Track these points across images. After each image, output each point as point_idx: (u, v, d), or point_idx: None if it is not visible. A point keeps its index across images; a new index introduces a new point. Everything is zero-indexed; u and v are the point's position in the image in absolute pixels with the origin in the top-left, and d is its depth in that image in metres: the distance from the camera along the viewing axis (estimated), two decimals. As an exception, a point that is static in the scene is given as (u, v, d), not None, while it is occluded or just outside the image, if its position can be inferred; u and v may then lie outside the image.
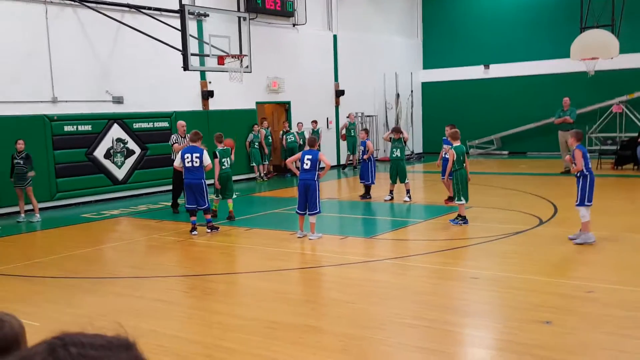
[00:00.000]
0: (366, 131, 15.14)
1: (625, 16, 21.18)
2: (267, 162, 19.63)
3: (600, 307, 6.22)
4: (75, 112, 15.01)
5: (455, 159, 10.79)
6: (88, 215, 13.60)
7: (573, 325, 5.70)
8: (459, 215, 10.86)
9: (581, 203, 9.15)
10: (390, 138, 14.05)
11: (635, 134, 19.20)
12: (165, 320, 6.28)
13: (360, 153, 14.69)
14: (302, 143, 19.94)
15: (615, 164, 18.58)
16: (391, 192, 13.99)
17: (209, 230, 11.00)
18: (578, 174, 9.26)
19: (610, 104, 22.23)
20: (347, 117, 22.35)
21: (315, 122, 20.73)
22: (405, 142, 13.99)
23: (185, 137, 13.37)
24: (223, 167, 11.62)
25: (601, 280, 7.20)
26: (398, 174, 13.76)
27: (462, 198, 10.79)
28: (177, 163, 11.07)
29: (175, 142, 13.18)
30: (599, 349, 5.14)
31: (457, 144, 10.91)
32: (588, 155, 9.24)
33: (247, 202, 14.60)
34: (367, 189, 14.33)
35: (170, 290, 7.56)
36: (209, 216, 11.11)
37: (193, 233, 10.71)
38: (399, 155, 13.75)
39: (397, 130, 14.22)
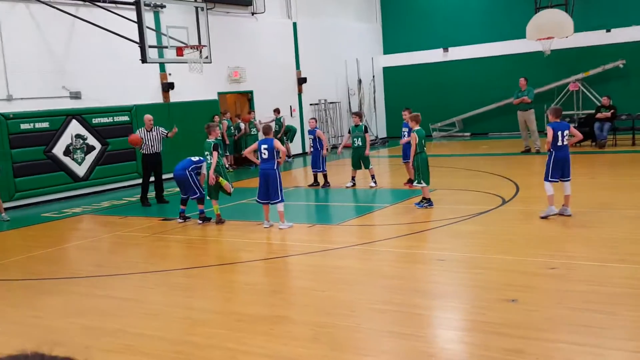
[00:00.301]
0: (315, 120, 15.14)
1: (579, -5, 21.54)
2: (229, 154, 19.46)
3: (564, 283, 6.34)
4: (31, 110, 14.67)
5: (417, 142, 10.84)
6: (49, 215, 13.33)
7: (538, 302, 5.80)
8: (424, 198, 10.93)
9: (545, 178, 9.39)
10: (350, 130, 14.05)
11: (592, 111, 19.57)
12: (131, 319, 6.19)
13: (311, 142, 14.51)
14: (277, 130, 19.87)
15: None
16: (353, 178, 13.99)
17: (200, 222, 10.96)
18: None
19: (567, 82, 22.62)
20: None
21: (277, 110, 20.51)
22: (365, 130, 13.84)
23: (151, 130, 13.24)
24: (208, 162, 10.79)
25: (564, 257, 7.34)
26: (361, 161, 13.75)
27: (422, 181, 10.85)
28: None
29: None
30: (563, 324, 5.24)
31: (418, 127, 10.95)
32: (559, 133, 9.30)
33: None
34: (324, 177, 14.27)
35: (135, 287, 7.47)
36: (202, 207, 11.05)
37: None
38: (360, 144, 13.70)
39: (357, 114, 14.19)
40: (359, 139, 13.70)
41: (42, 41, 14.90)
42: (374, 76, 26.49)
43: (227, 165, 18.97)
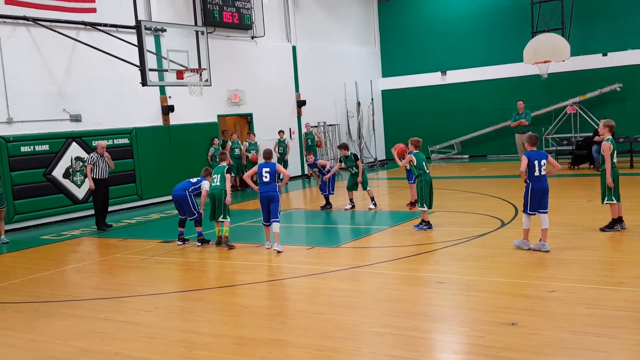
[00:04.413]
0: (314, 154, 15.45)
1: (574, 19, 21.79)
2: (232, 175, 19.47)
3: (563, 306, 6.34)
4: (31, 132, 14.73)
5: (416, 164, 10.91)
6: (48, 237, 13.33)
7: (537, 325, 5.79)
8: (423, 221, 10.96)
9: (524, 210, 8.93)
10: (341, 159, 14.13)
11: (590, 134, 19.66)
12: (130, 342, 6.17)
13: (316, 173, 14.72)
14: (282, 152, 20.44)
15: (571, 164, 18.99)
16: (351, 200, 14.06)
17: (199, 244, 10.98)
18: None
19: (565, 105, 22.78)
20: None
21: (282, 132, 20.81)
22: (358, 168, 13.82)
23: (102, 155, 13.40)
24: (213, 184, 10.73)
25: (563, 280, 7.34)
26: (360, 183, 13.83)
27: (424, 205, 10.88)
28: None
29: (90, 162, 13.49)
30: (563, 348, 5.23)
31: (416, 151, 11.03)
32: (535, 162, 8.81)
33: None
34: (327, 199, 14.38)
35: (134, 310, 7.45)
36: (200, 228, 11.07)
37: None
38: (357, 171, 13.82)
39: (343, 147, 14.24)
40: (354, 167, 13.85)
41: (42, 64, 15.00)
42: (372, 99, 26.65)
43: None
